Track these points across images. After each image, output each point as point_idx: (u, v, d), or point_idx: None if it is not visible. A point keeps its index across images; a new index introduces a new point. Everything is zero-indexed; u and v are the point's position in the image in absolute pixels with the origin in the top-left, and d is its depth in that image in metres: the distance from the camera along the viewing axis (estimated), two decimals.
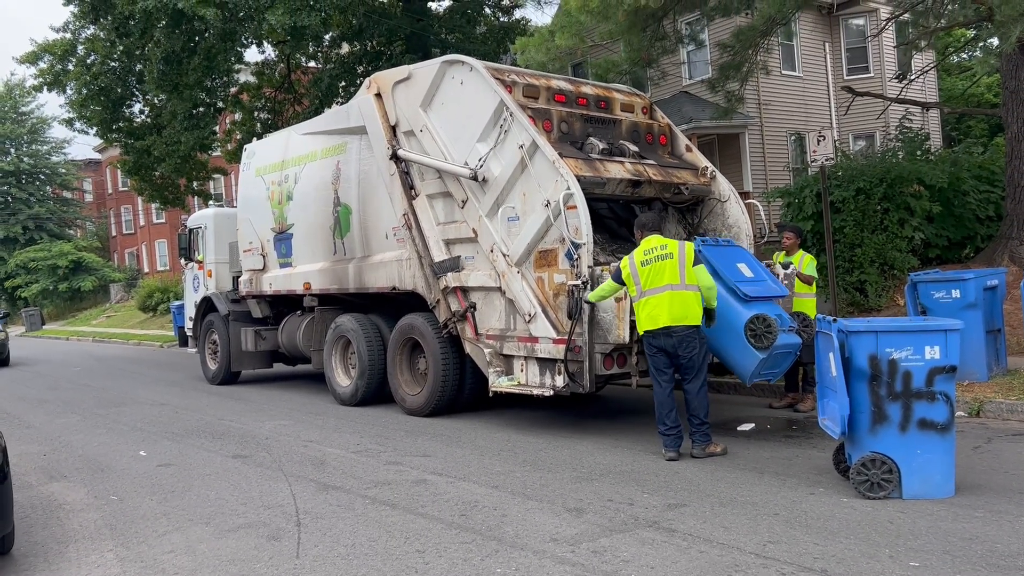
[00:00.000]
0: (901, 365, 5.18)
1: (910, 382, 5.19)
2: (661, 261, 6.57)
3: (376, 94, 9.66)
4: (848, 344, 5.33)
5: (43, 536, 5.44)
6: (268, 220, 11.94)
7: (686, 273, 6.55)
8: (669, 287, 6.53)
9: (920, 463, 5.21)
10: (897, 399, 5.21)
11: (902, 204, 12.28)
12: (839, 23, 22.62)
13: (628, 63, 13.70)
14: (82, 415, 10.64)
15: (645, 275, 6.62)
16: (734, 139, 20.97)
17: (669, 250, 6.63)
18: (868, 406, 5.27)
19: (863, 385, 5.27)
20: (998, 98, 20.24)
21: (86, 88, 19.29)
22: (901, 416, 5.20)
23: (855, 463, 5.33)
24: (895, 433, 5.22)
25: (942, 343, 5.18)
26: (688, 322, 6.53)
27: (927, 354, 5.18)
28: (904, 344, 5.20)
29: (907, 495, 5.20)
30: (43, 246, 46.18)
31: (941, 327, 5.24)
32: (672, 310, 6.51)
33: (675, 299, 6.51)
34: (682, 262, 6.57)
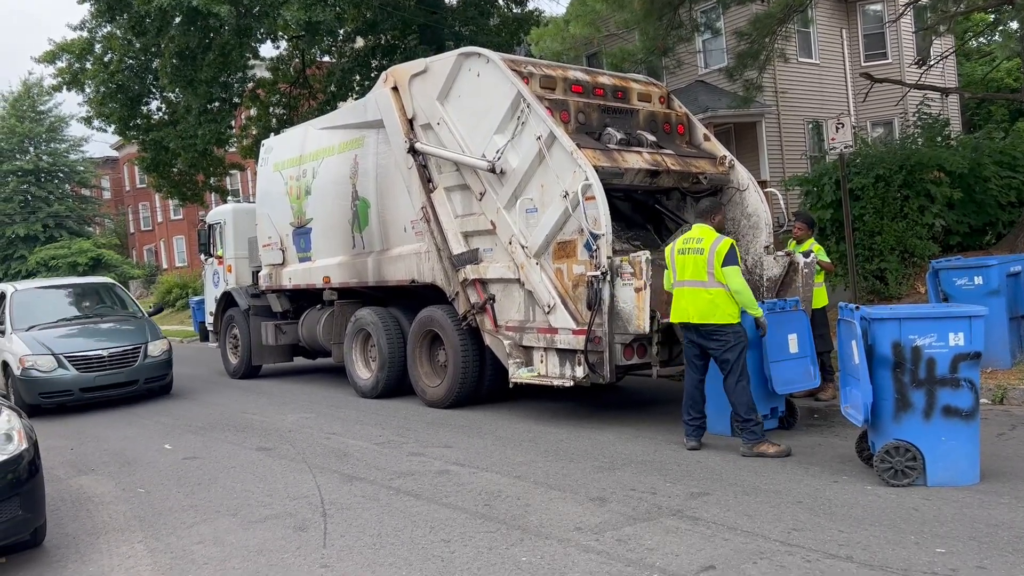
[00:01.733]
0: (925, 352, 5.15)
1: (934, 369, 5.16)
2: (692, 255, 6.45)
3: (393, 88, 9.68)
4: (871, 331, 5.31)
5: (74, 528, 5.53)
6: (287, 215, 12.01)
7: (715, 271, 6.32)
8: (691, 283, 6.42)
9: (945, 450, 5.19)
10: (921, 386, 5.19)
11: (922, 191, 12.18)
12: (856, 9, 22.40)
13: (643, 52, 13.65)
14: (106, 409, 10.76)
15: (679, 265, 6.58)
16: (751, 128, 20.83)
17: (701, 245, 6.45)
18: (892, 393, 5.24)
19: (886, 372, 5.25)
20: (1018, 83, 20.02)
21: (104, 87, 19.45)
22: (925, 403, 5.18)
23: (879, 451, 5.32)
24: (919, 420, 5.20)
25: (966, 329, 5.15)
26: (715, 320, 6.32)
27: (951, 340, 5.14)
28: (928, 331, 5.16)
29: (932, 482, 5.18)
30: (63, 243, 46.60)
31: (965, 313, 5.21)
32: (695, 307, 6.39)
33: (698, 296, 6.38)
34: (711, 260, 6.34)
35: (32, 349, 10.78)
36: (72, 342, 11.13)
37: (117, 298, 13.18)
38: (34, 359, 10.65)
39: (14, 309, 11.69)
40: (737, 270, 6.36)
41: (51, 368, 10.66)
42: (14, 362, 10.72)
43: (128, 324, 12.11)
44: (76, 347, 10.96)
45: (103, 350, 10.98)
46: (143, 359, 11.24)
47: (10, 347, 10.98)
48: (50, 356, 10.71)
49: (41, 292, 12.71)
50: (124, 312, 12.77)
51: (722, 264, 6.30)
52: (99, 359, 10.90)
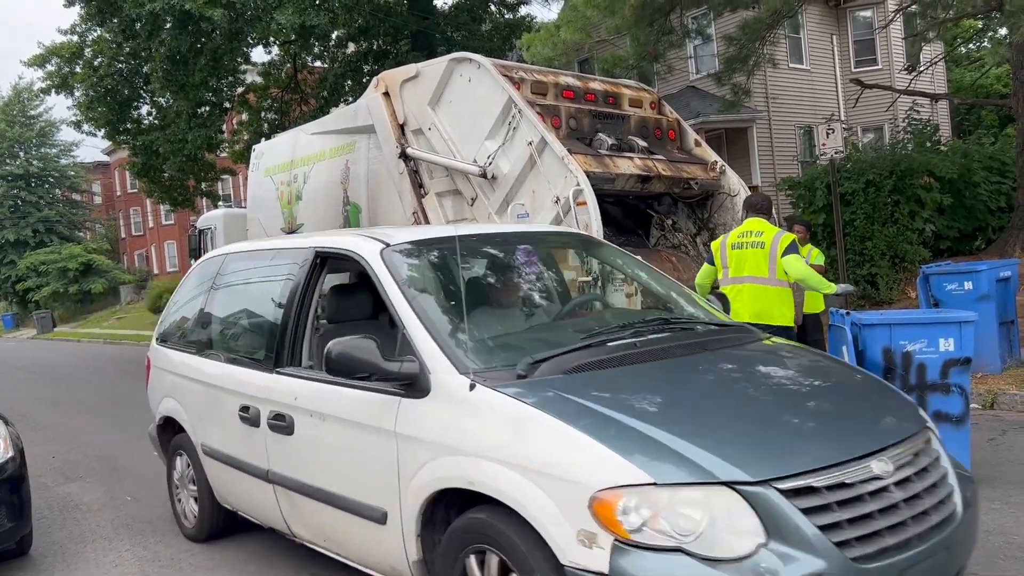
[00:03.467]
0: (915, 357, 5.15)
1: (924, 374, 5.16)
2: (751, 249, 6.07)
3: (384, 93, 9.67)
4: (861, 337, 5.30)
5: (60, 536, 5.48)
6: (278, 220, 11.97)
7: (776, 267, 5.98)
8: (751, 279, 6.07)
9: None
10: (912, 392, 5.16)
11: (912, 196, 12.24)
12: (846, 15, 22.52)
13: (634, 58, 13.69)
14: (95, 415, 10.70)
15: (734, 260, 6.18)
16: (742, 133, 20.90)
17: (763, 238, 6.06)
18: None
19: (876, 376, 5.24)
20: (1007, 89, 20.14)
21: (92, 90, 19.37)
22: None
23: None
24: None
25: (956, 335, 5.15)
26: (773, 321, 5.91)
27: (941, 346, 5.14)
28: (918, 337, 5.16)
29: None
30: (53, 249, 46.40)
31: (955, 319, 5.22)
32: (753, 306, 6.02)
33: (757, 294, 6.03)
34: (773, 254, 5.99)
35: None
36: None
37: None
38: None
39: None
40: (799, 258, 6.05)
41: None
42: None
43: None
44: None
45: None
46: None
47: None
48: None
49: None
50: None
51: (782, 255, 5.97)
52: None
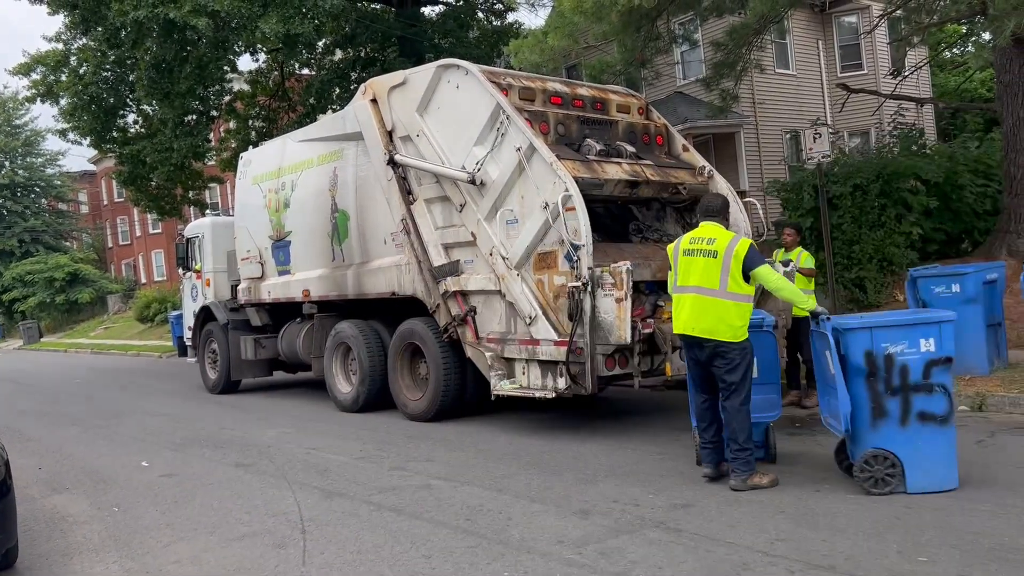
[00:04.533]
0: (897, 359, 5.18)
1: (907, 375, 5.18)
2: (702, 257, 5.60)
3: (372, 100, 9.66)
4: (844, 341, 5.31)
5: (47, 549, 5.41)
6: (266, 228, 11.92)
7: (729, 279, 5.50)
8: (696, 289, 5.60)
9: (922, 456, 5.20)
10: (896, 393, 5.19)
11: (899, 200, 12.30)
12: (832, 21, 22.66)
13: (622, 64, 13.72)
14: (83, 427, 10.60)
15: (683, 266, 5.74)
16: (729, 138, 20.98)
17: (716, 246, 5.58)
18: (867, 402, 5.24)
19: (861, 381, 5.25)
20: (992, 93, 20.28)
21: (77, 98, 19.26)
22: (900, 410, 5.19)
23: (858, 460, 5.31)
24: (896, 427, 5.21)
25: (936, 335, 5.20)
26: (720, 336, 5.52)
27: (922, 347, 5.19)
28: (899, 338, 5.19)
29: (911, 488, 5.18)
30: (39, 259, 46.05)
31: (934, 319, 5.26)
32: (695, 317, 5.59)
33: (702, 306, 5.56)
34: (727, 265, 5.50)
35: None
36: None
37: None
38: None
39: None
40: (769, 268, 5.65)
41: None
42: None
43: None
44: None
45: None
46: None
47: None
48: None
49: None
50: None
51: (746, 268, 5.51)
52: None
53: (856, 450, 5.41)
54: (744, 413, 5.59)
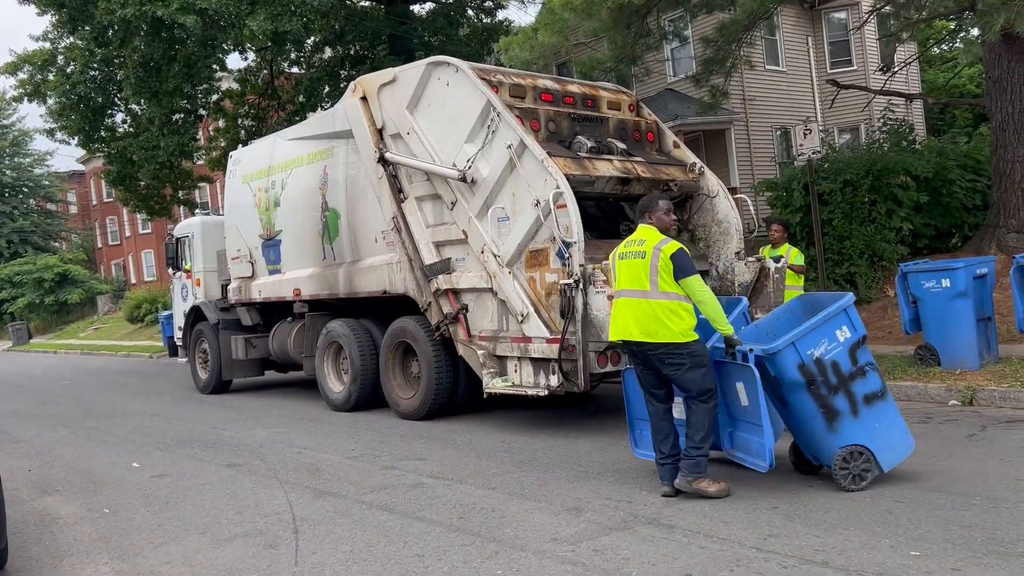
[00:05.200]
0: (827, 359, 5.23)
1: (840, 370, 5.26)
2: (632, 259, 5.45)
3: (362, 97, 9.62)
4: (774, 364, 5.22)
5: (37, 551, 5.37)
6: (256, 227, 11.87)
7: (659, 279, 5.29)
8: (630, 292, 5.42)
9: (882, 435, 5.34)
10: (838, 391, 5.26)
11: (889, 195, 12.34)
12: (821, 17, 22.72)
13: (612, 60, 13.71)
14: (73, 428, 10.54)
15: (618, 271, 5.59)
16: (720, 135, 21.01)
17: (643, 247, 5.42)
18: (817, 410, 5.24)
19: (803, 395, 5.23)
20: (980, 88, 20.38)
21: (65, 97, 19.15)
22: (849, 404, 5.27)
23: (836, 463, 5.25)
24: (851, 422, 5.27)
25: (847, 321, 5.32)
26: (659, 338, 5.27)
27: (840, 337, 5.28)
28: (819, 339, 5.24)
29: (886, 468, 5.32)
30: (28, 259, 45.79)
31: (838, 307, 5.31)
32: (632, 321, 5.37)
33: (640, 310, 5.34)
34: (654, 265, 5.30)
35: None
36: None
37: None
38: None
39: None
40: (698, 279, 5.36)
41: None
42: None
43: None
44: None
45: None
46: None
47: None
48: None
49: None
50: None
51: (676, 276, 5.28)
52: None
53: (822, 456, 5.41)
54: (707, 414, 5.32)
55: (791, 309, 5.97)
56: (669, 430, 5.50)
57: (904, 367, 8.96)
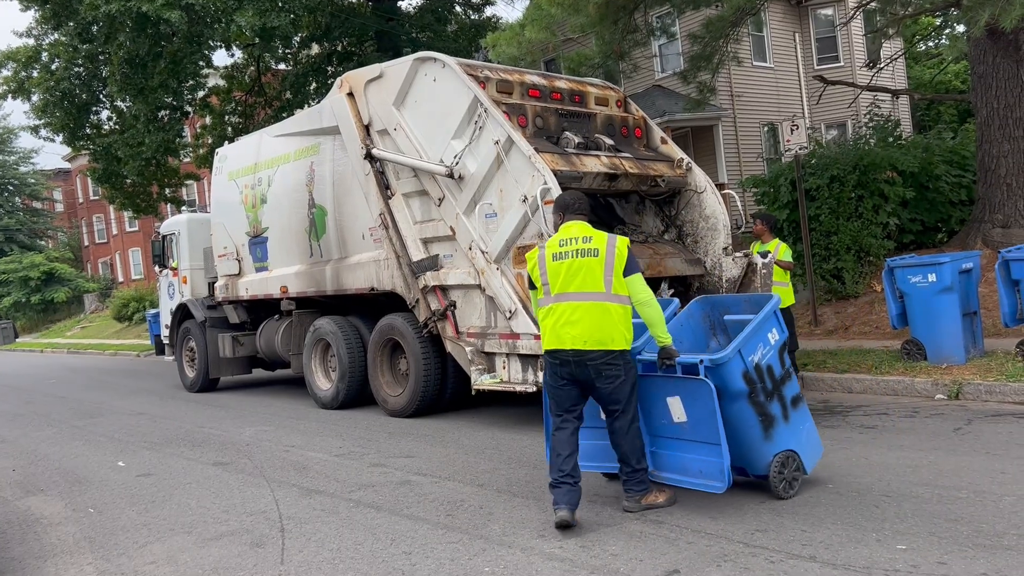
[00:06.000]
0: (763, 363, 5.08)
1: (773, 373, 5.14)
2: (583, 258, 4.86)
3: (348, 93, 9.58)
4: (719, 375, 4.85)
5: (20, 552, 5.32)
6: (242, 224, 11.81)
7: (614, 279, 4.84)
8: (583, 295, 4.83)
9: (805, 437, 5.32)
10: (772, 396, 5.13)
11: (876, 190, 12.39)
12: (808, 13, 22.78)
13: (600, 56, 13.70)
14: (58, 427, 10.46)
15: (562, 272, 4.91)
16: (708, 131, 21.05)
17: (594, 244, 4.87)
18: (755, 419, 5.01)
19: (743, 404, 4.96)
20: (966, 84, 20.49)
21: (49, 94, 18.99)
22: (781, 409, 5.16)
23: (772, 472, 5.03)
24: (784, 427, 5.15)
25: (775, 322, 5.21)
26: (613, 346, 4.81)
27: (771, 339, 5.16)
28: (757, 344, 5.06)
29: (808, 470, 5.26)
30: (13, 258, 45.48)
31: (770, 308, 5.17)
32: (588, 327, 4.80)
33: (594, 314, 4.80)
34: (609, 263, 4.83)
35: None
36: None
37: None
38: None
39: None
40: (642, 279, 4.93)
41: None
42: None
43: None
44: None
45: None
46: None
47: None
48: None
49: None
50: None
51: (625, 272, 4.86)
52: None
53: (755, 466, 5.16)
54: (635, 432, 4.96)
55: (692, 314, 5.72)
56: (575, 447, 4.94)
57: (891, 362, 9.00)
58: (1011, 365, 8.11)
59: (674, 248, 8.65)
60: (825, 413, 7.73)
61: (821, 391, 8.87)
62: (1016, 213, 11.93)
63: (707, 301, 5.91)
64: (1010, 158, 11.94)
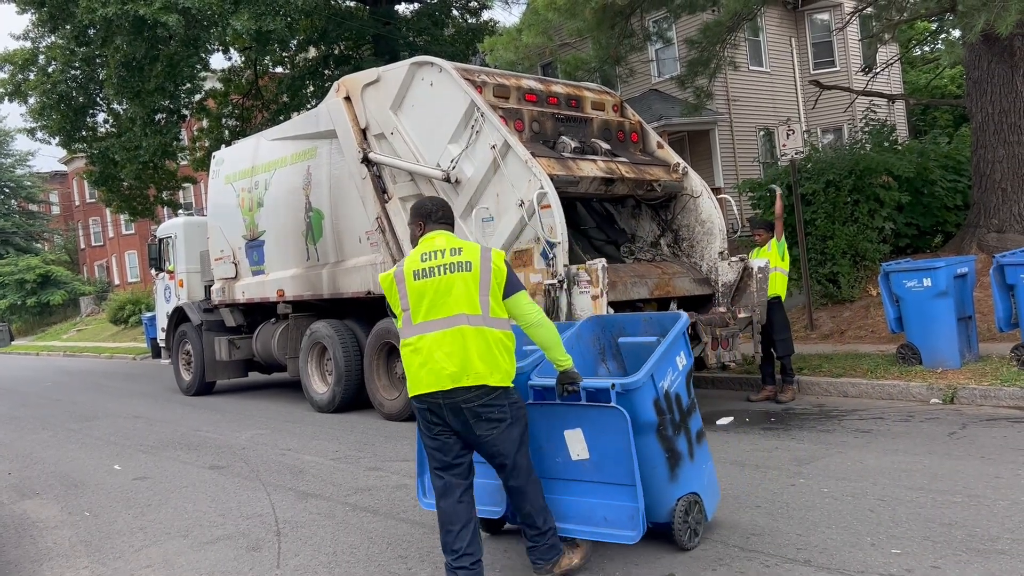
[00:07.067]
0: (672, 391, 4.40)
1: (681, 403, 4.47)
2: (455, 274, 3.89)
3: (345, 97, 9.59)
4: (631, 403, 4.11)
5: (16, 555, 5.32)
6: (239, 227, 11.81)
7: (491, 299, 3.90)
8: (450, 321, 3.86)
9: (708, 477, 4.68)
10: (680, 429, 4.42)
11: (872, 195, 12.41)
12: (804, 18, 22.87)
13: (597, 61, 13.73)
14: (54, 431, 10.45)
15: (423, 295, 3.92)
16: (704, 135, 21.10)
17: (466, 257, 3.92)
18: (661, 455, 4.25)
19: (650, 438, 4.20)
20: (961, 89, 20.56)
21: (46, 97, 19.01)
22: (687, 445, 4.46)
23: (677, 517, 4.29)
24: (689, 465, 4.44)
25: (683, 346, 4.59)
26: (490, 380, 3.83)
27: (679, 364, 4.51)
28: (666, 368, 4.38)
29: (709, 516, 4.58)
30: (9, 260, 45.41)
31: (679, 331, 4.52)
32: (461, 360, 3.82)
33: (468, 341, 3.83)
34: (485, 280, 3.89)
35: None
36: None
37: None
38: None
39: None
40: (528, 296, 4.06)
41: None
42: None
43: None
44: None
45: None
46: None
47: None
48: None
49: None
50: None
51: (506, 291, 3.96)
52: None
53: (661, 510, 4.31)
54: (536, 485, 4.04)
55: (580, 335, 4.97)
56: (470, 515, 3.93)
57: (886, 366, 9.02)
58: (1006, 369, 8.13)
59: (682, 267, 8.60)
60: (820, 417, 7.75)
61: (816, 395, 8.90)
62: (1011, 218, 11.97)
63: (598, 321, 5.21)
64: (1005, 163, 11.99)
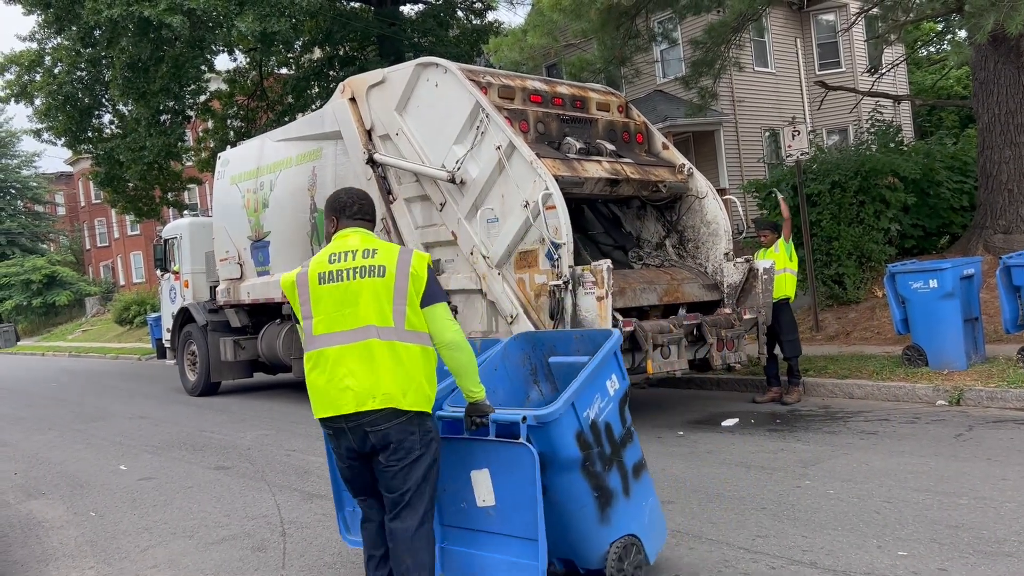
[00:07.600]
0: (600, 422, 3.83)
1: (613, 433, 3.91)
2: (360, 278, 3.37)
3: (350, 98, 9.60)
4: (548, 437, 3.59)
5: (22, 555, 5.33)
6: (244, 228, 11.83)
7: (407, 309, 3.37)
8: (368, 331, 3.34)
9: (649, 515, 4.09)
10: (611, 463, 3.88)
11: (877, 196, 12.38)
12: (810, 19, 22.83)
13: (602, 62, 13.72)
14: (60, 431, 10.47)
15: (326, 301, 3.41)
16: (709, 136, 21.07)
17: (380, 260, 3.39)
18: (589, 495, 3.74)
19: (575, 476, 3.69)
20: (967, 90, 20.51)
21: (51, 98, 19.07)
22: (621, 481, 3.92)
23: (609, 563, 3.76)
24: (624, 503, 3.90)
25: (615, 367, 4.00)
26: (403, 404, 3.33)
27: (610, 389, 3.93)
28: (592, 395, 3.81)
29: (651, 559, 4.03)
30: (15, 261, 45.53)
31: (609, 349, 3.95)
32: (369, 379, 3.31)
33: (378, 357, 3.32)
34: (401, 287, 3.36)
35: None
36: None
37: None
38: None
39: None
40: (448, 309, 3.51)
41: None
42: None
43: None
44: None
45: None
46: None
47: None
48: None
49: None
50: None
51: (424, 300, 3.40)
52: None
53: (591, 556, 3.82)
54: (428, 538, 3.43)
55: (507, 355, 4.39)
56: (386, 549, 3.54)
57: (892, 368, 9.00)
58: (1012, 371, 8.10)
59: (691, 273, 8.58)
60: (826, 419, 7.73)
61: (822, 397, 8.88)
62: (1017, 219, 11.93)
63: (527, 338, 4.59)
64: (1011, 164, 11.95)
